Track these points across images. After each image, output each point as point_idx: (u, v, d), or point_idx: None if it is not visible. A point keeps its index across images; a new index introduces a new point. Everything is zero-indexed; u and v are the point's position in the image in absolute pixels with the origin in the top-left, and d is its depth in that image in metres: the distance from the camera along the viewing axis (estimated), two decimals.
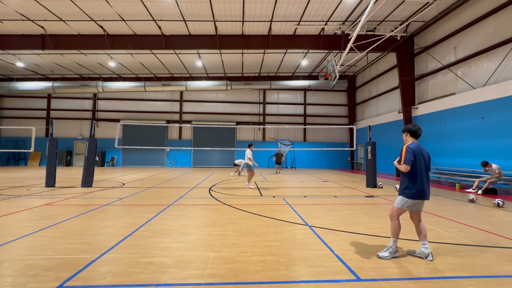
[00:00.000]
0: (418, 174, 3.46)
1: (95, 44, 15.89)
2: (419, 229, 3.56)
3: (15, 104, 24.29)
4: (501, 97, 10.56)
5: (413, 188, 3.44)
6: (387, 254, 3.47)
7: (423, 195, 3.45)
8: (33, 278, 2.85)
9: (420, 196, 3.44)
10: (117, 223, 5.03)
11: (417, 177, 3.46)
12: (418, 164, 3.47)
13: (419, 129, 3.70)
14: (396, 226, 3.54)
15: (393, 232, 3.54)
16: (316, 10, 13.43)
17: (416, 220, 3.59)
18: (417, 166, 3.47)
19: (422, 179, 3.45)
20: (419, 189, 3.43)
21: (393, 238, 3.52)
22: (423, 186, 3.45)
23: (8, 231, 4.45)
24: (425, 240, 3.48)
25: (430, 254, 3.42)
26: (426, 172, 3.54)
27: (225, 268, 3.13)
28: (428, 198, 3.53)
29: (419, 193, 3.43)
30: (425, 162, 3.54)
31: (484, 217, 5.78)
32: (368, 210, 6.39)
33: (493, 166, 9.27)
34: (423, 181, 3.46)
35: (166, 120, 24.64)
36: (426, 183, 3.50)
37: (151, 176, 14.98)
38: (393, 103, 18.41)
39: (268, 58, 19.94)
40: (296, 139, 24.74)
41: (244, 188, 10.12)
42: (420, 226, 3.57)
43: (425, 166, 3.53)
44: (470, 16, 12.26)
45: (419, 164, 3.48)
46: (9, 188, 9.52)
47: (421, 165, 3.48)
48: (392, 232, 3.55)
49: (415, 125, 3.74)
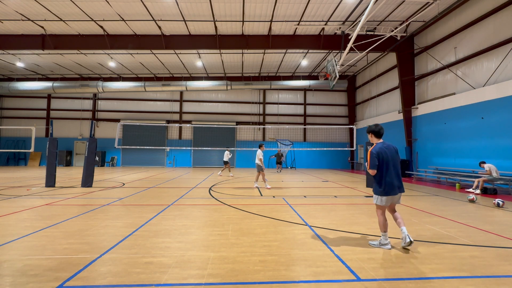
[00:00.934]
0: (384, 174, 3.80)
1: (95, 44, 15.89)
2: (395, 217, 3.95)
3: (15, 104, 24.29)
4: (501, 97, 10.56)
5: (381, 186, 3.82)
6: (375, 243, 3.91)
7: (393, 191, 3.79)
8: (33, 278, 2.85)
9: (391, 192, 3.79)
10: (117, 223, 5.03)
11: (383, 176, 3.81)
12: (383, 165, 3.81)
13: (381, 128, 4.03)
14: (381, 221, 3.89)
15: (380, 226, 3.92)
16: (316, 10, 13.43)
17: (391, 211, 4.00)
18: (383, 167, 3.81)
19: (390, 176, 3.79)
20: (387, 186, 3.78)
21: (381, 232, 3.89)
22: (392, 183, 3.78)
23: (8, 231, 4.45)
24: (402, 226, 3.82)
25: (408, 236, 3.67)
26: (395, 168, 3.85)
27: (225, 268, 3.13)
28: (399, 192, 3.85)
29: (389, 190, 3.78)
30: (393, 158, 3.85)
31: (484, 217, 5.78)
32: (368, 210, 6.39)
33: (485, 165, 9.47)
34: (392, 178, 3.79)
35: (166, 120, 24.65)
36: (395, 178, 3.82)
37: (151, 176, 14.98)
38: (393, 103, 18.41)
39: (268, 58, 19.94)
40: (296, 139, 24.75)
41: (244, 188, 10.12)
42: (395, 215, 3.95)
43: (392, 163, 3.83)
44: (470, 16, 12.26)
45: (385, 164, 3.81)
46: (9, 188, 9.52)
47: (387, 164, 3.81)
48: (380, 227, 3.93)
49: (377, 125, 4.06)
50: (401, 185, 3.86)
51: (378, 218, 3.94)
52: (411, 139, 16.08)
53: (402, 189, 3.87)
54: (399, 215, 3.93)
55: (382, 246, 3.82)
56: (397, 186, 3.80)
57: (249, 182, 12.31)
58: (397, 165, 3.86)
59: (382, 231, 3.86)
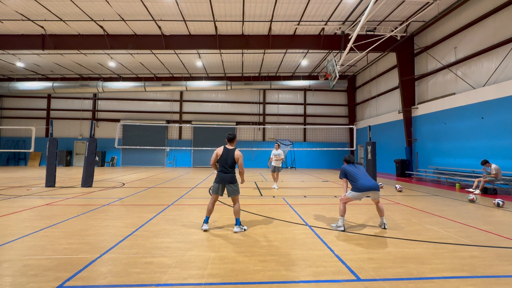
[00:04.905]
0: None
1: (95, 44, 15.89)
2: (377, 208, 4.93)
3: (15, 104, 24.29)
4: (501, 97, 10.56)
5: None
6: (334, 226, 4.89)
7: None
8: (33, 278, 2.85)
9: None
10: (117, 223, 5.03)
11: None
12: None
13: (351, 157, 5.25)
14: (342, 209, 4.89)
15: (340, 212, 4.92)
16: (316, 10, 13.43)
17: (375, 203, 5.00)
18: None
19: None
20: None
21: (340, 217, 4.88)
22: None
23: (8, 231, 4.45)
24: (382, 216, 4.90)
25: (384, 224, 4.86)
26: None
27: (225, 268, 3.13)
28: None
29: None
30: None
31: (484, 217, 5.78)
32: (368, 210, 6.39)
33: (492, 166, 9.30)
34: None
35: (166, 120, 24.64)
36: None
37: (151, 176, 14.98)
38: (393, 103, 18.41)
39: (268, 58, 19.94)
40: (296, 139, 24.74)
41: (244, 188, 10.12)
42: (378, 206, 4.93)
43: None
44: (470, 16, 12.26)
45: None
46: (9, 188, 9.52)
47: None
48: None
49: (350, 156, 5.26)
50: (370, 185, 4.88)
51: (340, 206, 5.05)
52: (411, 139, 16.08)
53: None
54: (382, 208, 4.96)
55: (338, 228, 4.85)
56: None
57: (249, 182, 12.31)
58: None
59: (340, 215, 4.98)
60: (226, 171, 4.70)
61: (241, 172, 4.83)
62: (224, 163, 4.71)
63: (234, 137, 4.88)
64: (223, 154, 4.72)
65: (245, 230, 4.61)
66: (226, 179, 4.66)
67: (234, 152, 4.73)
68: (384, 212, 4.97)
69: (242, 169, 4.81)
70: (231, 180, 4.68)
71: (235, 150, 4.76)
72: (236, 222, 4.64)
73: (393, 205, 7.10)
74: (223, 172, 4.70)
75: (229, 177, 4.68)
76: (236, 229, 4.56)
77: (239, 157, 4.72)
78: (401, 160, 15.82)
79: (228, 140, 4.87)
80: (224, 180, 4.66)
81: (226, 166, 4.70)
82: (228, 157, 4.69)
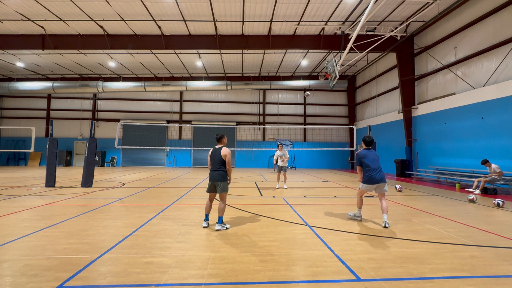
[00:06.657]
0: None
1: (95, 44, 15.89)
2: (381, 204, 5.04)
3: (15, 104, 24.28)
4: (501, 97, 10.56)
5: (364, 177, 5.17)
6: (351, 214, 5.36)
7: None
8: (33, 278, 2.85)
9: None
10: (117, 223, 5.03)
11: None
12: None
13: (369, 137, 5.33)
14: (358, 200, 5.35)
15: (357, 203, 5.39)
16: (316, 10, 13.43)
17: (379, 198, 5.17)
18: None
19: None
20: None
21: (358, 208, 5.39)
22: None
23: (8, 231, 4.45)
24: (385, 213, 4.92)
25: (386, 223, 4.84)
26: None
27: (225, 268, 3.13)
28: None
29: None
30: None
31: (484, 217, 5.78)
32: (368, 210, 6.39)
33: (493, 166, 9.30)
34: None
35: (166, 120, 24.64)
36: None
37: (151, 176, 14.98)
38: (393, 103, 18.41)
39: (268, 58, 19.94)
40: (296, 139, 24.74)
41: (243, 188, 10.13)
42: (382, 202, 5.04)
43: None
44: (470, 16, 12.26)
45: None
46: (9, 188, 9.52)
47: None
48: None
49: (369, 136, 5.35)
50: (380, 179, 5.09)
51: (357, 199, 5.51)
52: (411, 139, 16.08)
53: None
54: (386, 205, 5.04)
55: (356, 218, 5.35)
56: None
57: (249, 182, 12.31)
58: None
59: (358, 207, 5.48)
60: (215, 168, 4.89)
61: (228, 169, 4.91)
62: (213, 162, 4.94)
63: (221, 137, 5.09)
64: (212, 153, 4.99)
65: (227, 229, 4.67)
66: (214, 176, 4.85)
67: (221, 150, 4.90)
68: (387, 210, 5.00)
69: (229, 166, 4.92)
70: (218, 177, 4.83)
71: (221, 148, 4.95)
72: (218, 220, 4.73)
73: (393, 205, 7.10)
74: (212, 170, 4.92)
75: (216, 174, 4.85)
76: (217, 227, 4.65)
77: (226, 153, 4.87)
78: (401, 160, 15.82)
79: (216, 140, 5.14)
80: (212, 177, 4.87)
81: (215, 164, 4.91)
82: (216, 155, 4.91)
